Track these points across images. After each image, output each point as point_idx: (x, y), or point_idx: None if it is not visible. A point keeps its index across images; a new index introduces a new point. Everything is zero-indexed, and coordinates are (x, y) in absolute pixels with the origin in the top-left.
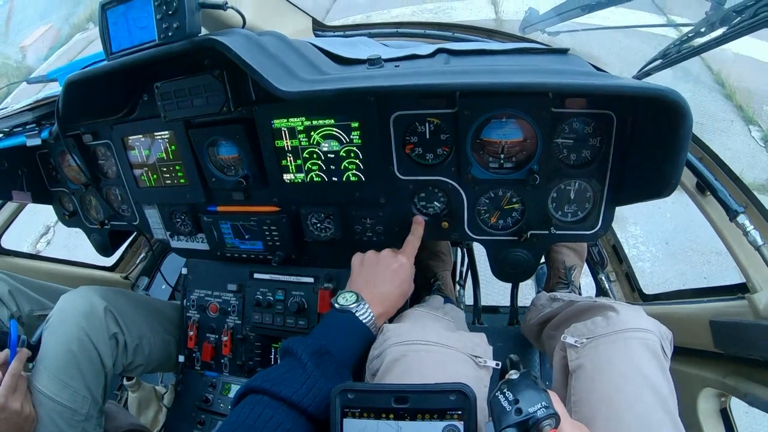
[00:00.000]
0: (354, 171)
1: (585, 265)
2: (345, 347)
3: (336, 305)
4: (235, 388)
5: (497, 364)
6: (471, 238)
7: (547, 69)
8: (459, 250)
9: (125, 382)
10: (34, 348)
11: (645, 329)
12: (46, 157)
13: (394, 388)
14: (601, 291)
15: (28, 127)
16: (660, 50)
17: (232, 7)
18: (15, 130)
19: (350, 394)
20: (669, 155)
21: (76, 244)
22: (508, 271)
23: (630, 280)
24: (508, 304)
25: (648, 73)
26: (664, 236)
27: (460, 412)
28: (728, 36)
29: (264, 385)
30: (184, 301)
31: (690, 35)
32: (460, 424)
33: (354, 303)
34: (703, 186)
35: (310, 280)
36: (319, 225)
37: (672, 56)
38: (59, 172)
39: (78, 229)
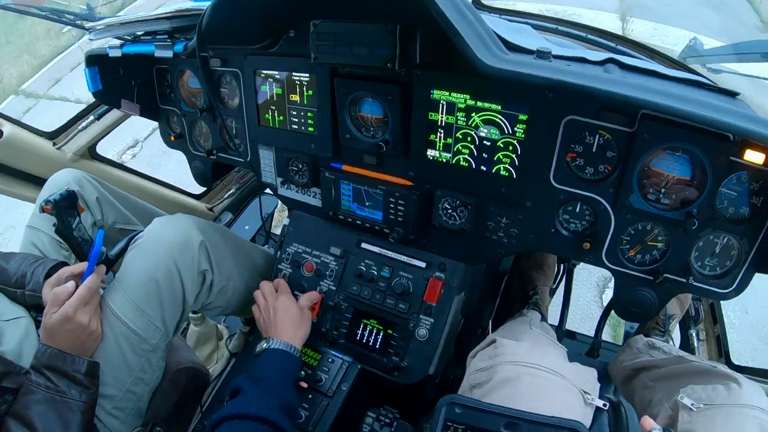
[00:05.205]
0: (507, 165)
1: None
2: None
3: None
4: (310, 354)
5: (604, 405)
6: (604, 265)
7: (751, 116)
8: (556, 266)
9: (190, 314)
10: (112, 262)
11: (762, 409)
12: (164, 73)
13: (507, 412)
14: (687, 346)
15: (158, 37)
16: None
17: None
18: (143, 37)
19: (458, 409)
20: None
21: (159, 163)
22: (631, 308)
23: (720, 344)
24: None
25: None
26: (746, 305)
27: None
28: None
29: None
30: (279, 252)
31: None
32: None
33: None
34: None
35: (422, 264)
36: (450, 211)
37: None
38: (174, 92)
39: (165, 150)
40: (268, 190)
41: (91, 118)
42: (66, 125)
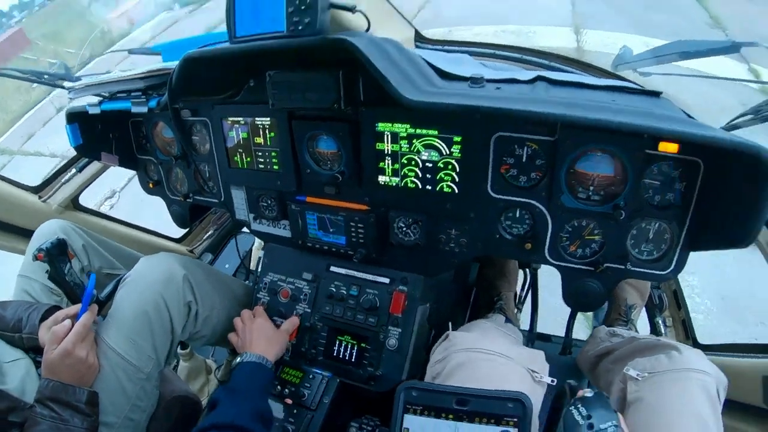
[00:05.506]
0: (449, 182)
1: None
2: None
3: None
4: (292, 373)
5: (552, 381)
6: (548, 262)
7: (650, 112)
8: (523, 273)
9: (179, 350)
10: (102, 304)
11: (705, 371)
12: (139, 125)
13: (457, 390)
14: (655, 333)
15: (133, 94)
16: (753, 106)
17: (360, 11)
18: (118, 95)
19: (414, 392)
20: (751, 208)
21: (138, 212)
22: (579, 299)
23: (686, 328)
24: (558, 333)
25: (737, 126)
26: (721, 291)
27: (515, 420)
28: None
29: None
30: (256, 282)
31: None
32: (514, 431)
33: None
34: None
35: (386, 280)
36: (405, 229)
37: (764, 113)
38: (149, 142)
39: (141, 198)
40: (244, 229)
41: (73, 170)
42: (50, 179)
